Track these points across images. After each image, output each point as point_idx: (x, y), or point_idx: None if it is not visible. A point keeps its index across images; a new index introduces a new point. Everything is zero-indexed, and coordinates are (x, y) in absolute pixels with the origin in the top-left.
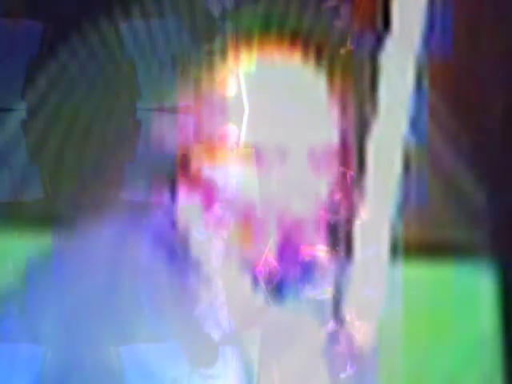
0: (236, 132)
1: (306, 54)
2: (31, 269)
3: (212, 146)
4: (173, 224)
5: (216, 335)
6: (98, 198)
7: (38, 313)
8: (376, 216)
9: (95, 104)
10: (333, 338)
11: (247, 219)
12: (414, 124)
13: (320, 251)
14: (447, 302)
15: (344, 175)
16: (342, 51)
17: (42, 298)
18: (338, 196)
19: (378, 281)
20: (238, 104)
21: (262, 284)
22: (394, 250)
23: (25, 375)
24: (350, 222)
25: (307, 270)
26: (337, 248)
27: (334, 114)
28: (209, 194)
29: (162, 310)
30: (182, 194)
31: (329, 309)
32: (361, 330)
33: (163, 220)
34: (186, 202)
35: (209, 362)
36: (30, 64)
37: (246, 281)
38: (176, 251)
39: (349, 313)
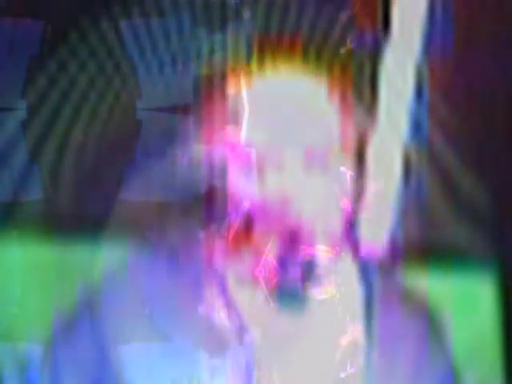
0: (236, 132)
1: (306, 53)
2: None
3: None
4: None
5: (217, 335)
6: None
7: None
8: (376, 216)
9: (95, 104)
10: (334, 337)
11: (247, 219)
12: (414, 124)
13: (320, 251)
14: (447, 304)
15: (344, 175)
16: (342, 51)
17: None
18: (337, 196)
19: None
20: (238, 104)
21: (263, 284)
22: (394, 251)
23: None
24: (350, 221)
25: (307, 270)
26: (337, 248)
27: (334, 114)
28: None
29: (163, 310)
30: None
31: (330, 309)
32: (360, 330)
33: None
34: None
35: (209, 362)
36: (30, 64)
37: (247, 281)
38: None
39: (348, 312)
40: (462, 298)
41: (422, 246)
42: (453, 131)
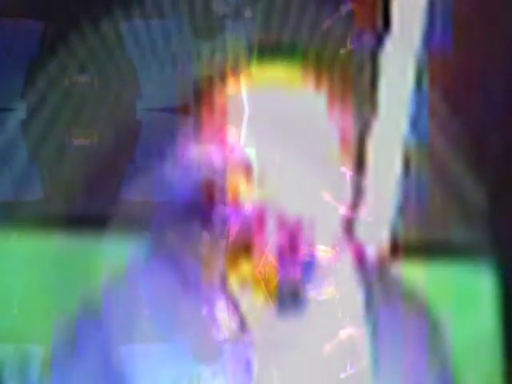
0: (236, 133)
1: (306, 54)
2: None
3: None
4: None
5: (217, 335)
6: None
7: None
8: (376, 216)
9: (95, 104)
10: (334, 337)
11: (247, 220)
12: (414, 124)
13: (320, 251)
14: (447, 302)
15: (344, 175)
16: (342, 51)
17: None
18: (338, 196)
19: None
20: (238, 104)
21: (263, 284)
22: (394, 250)
23: None
24: (350, 221)
25: (307, 270)
26: (336, 248)
27: (334, 114)
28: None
29: (164, 311)
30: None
31: (330, 309)
32: (361, 330)
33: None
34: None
35: (210, 362)
36: (30, 64)
37: (248, 281)
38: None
39: (348, 312)
40: (462, 296)
41: (422, 244)
42: (452, 131)
